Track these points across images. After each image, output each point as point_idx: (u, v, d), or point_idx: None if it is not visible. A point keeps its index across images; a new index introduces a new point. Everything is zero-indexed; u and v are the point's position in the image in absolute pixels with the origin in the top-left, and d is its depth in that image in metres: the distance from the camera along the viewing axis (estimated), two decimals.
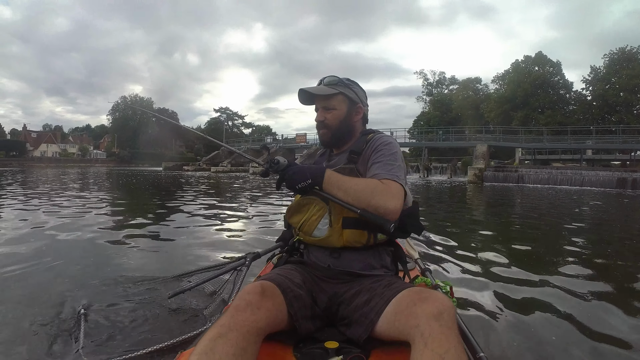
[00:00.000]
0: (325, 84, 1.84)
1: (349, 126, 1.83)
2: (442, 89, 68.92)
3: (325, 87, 1.82)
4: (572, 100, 50.07)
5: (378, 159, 1.69)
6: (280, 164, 1.65)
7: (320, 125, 1.84)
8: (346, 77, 1.87)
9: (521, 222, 8.00)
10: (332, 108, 1.81)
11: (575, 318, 2.65)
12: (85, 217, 6.81)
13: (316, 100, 1.85)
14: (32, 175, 26.98)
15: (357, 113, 1.84)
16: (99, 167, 65.98)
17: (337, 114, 1.81)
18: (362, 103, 1.86)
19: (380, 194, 1.54)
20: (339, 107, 1.81)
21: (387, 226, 1.49)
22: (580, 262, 4.15)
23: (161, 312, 2.58)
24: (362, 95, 1.88)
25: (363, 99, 1.88)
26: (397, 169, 1.66)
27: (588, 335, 2.39)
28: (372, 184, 1.58)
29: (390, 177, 1.61)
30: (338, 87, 1.81)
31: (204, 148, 76.16)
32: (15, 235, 5.07)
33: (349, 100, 1.82)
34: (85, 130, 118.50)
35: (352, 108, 1.83)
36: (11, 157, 74.66)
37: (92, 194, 11.88)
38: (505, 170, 28.66)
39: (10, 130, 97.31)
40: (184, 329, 2.26)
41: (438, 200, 13.86)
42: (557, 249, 5.05)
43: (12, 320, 2.44)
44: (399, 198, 1.57)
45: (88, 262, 3.84)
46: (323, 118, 1.82)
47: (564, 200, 13.98)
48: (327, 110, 1.82)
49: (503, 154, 43.45)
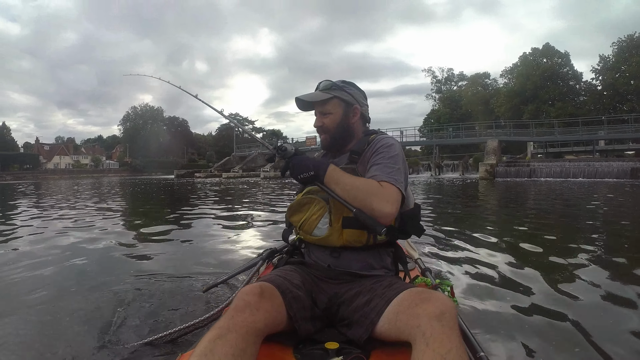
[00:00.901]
0: (320, 89, 1.86)
1: (347, 128, 1.84)
2: (451, 86, 68.59)
3: (320, 92, 1.84)
4: (583, 91, 49.52)
5: (378, 160, 1.69)
6: (288, 151, 1.68)
7: (319, 131, 1.87)
8: (343, 79, 1.90)
9: (528, 219, 7.83)
10: (328, 112, 1.83)
11: (578, 319, 2.60)
12: (102, 224, 6.86)
13: (314, 105, 1.87)
14: (49, 187, 27.26)
15: (354, 114, 1.85)
16: (111, 177, 66.60)
17: (333, 117, 1.83)
18: (359, 103, 1.86)
19: (376, 197, 1.54)
20: (335, 110, 1.83)
21: (379, 230, 1.49)
22: (587, 262, 4.04)
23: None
24: (359, 96, 1.88)
25: (360, 99, 1.87)
26: (396, 172, 1.66)
27: (590, 336, 2.36)
28: (370, 185, 1.58)
29: (389, 180, 1.61)
30: (332, 91, 1.83)
31: (215, 154, 76.65)
32: (38, 240, 5.31)
33: (344, 102, 1.83)
34: (97, 141, 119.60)
35: (348, 110, 1.84)
36: (25, 170, 75.68)
37: (108, 204, 11.95)
38: (517, 165, 28.43)
39: (23, 144, 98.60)
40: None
41: (445, 199, 13.64)
42: (562, 248, 4.92)
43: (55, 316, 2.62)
44: (395, 203, 1.58)
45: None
46: (321, 123, 1.85)
47: (576, 194, 13.80)
48: (324, 115, 1.84)
49: (515, 148, 43.15)
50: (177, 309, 2.69)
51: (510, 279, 3.53)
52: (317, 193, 1.70)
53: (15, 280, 3.44)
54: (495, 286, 3.33)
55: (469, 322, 2.44)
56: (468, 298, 2.99)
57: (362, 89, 1.93)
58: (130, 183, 32.80)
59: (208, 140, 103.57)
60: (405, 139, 40.86)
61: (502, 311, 2.76)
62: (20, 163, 78.97)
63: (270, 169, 40.40)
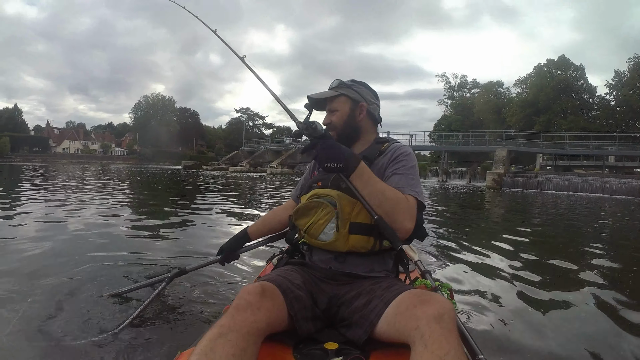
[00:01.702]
0: (329, 88, 1.90)
1: (354, 125, 1.86)
2: (464, 93, 68.51)
3: (329, 90, 1.89)
4: (596, 105, 49.33)
5: (399, 170, 1.72)
6: (318, 130, 1.64)
7: (327, 128, 1.87)
8: (354, 79, 1.92)
9: (529, 228, 7.83)
10: (335, 110, 1.86)
11: (577, 322, 2.67)
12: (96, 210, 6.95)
13: (327, 104, 1.89)
14: (57, 170, 27.57)
15: (361, 112, 1.86)
16: (119, 164, 67.23)
17: (340, 114, 1.85)
18: (366, 101, 1.87)
19: (402, 211, 1.58)
20: (342, 108, 1.85)
21: (397, 244, 1.53)
22: (586, 269, 4.12)
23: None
24: (367, 94, 1.89)
25: (367, 97, 1.88)
26: (417, 183, 1.70)
27: (590, 340, 2.40)
28: (398, 197, 1.60)
29: (412, 194, 1.64)
30: (339, 89, 1.86)
31: (225, 148, 76.88)
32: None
33: (351, 100, 1.85)
34: (107, 128, 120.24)
35: (354, 107, 1.85)
36: (34, 152, 76.78)
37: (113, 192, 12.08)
38: (525, 176, 28.15)
39: (34, 127, 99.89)
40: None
41: (447, 203, 13.70)
42: (561, 254, 4.96)
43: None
44: (415, 218, 1.61)
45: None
46: (329, 121, 1.87)
47: (583, 208, 13.71)
48: (332, 113, 1.87)
49: (525, 159, 42.94)
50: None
51: (510, 283, 3.58)
52: (324, 197, 1.67)
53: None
54: (495, 289, 3.36)
55: (469, 324, 2.52)
56: (468, 300, 3.02)
57: (373, 89, 1.94)
58: (135, 171, 33.05)
59: (218, 133, 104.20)
60: (415, 143, 40.80)
61: (502, 314, 2.79)
62: (30, 145, 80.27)
63: (277, 165, 40.46)
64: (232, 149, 63.69)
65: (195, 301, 2.77)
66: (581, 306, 2.99)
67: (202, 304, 2.74)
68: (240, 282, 3.20)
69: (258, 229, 2.24)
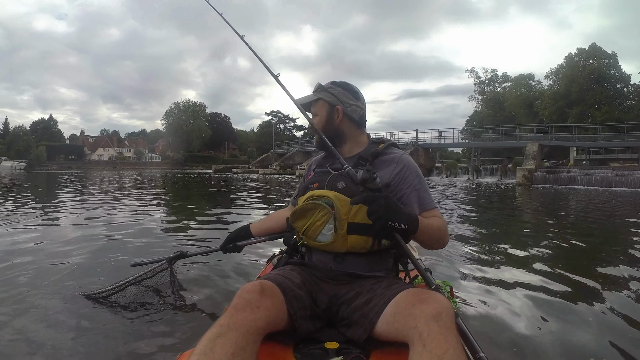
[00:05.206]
0: (312, 92, 1.94)
1: (333, 128, 1.87)
2: (495, 87, 67.00)
3: (310, 95, 1.93)
4: (631, 95, 47.45)
5: (417, 185, 1.78)
6: (377, 183, 1.57)
7: (311, 131, 1.95)
8: (333, 80, 1.95)
9: (538, 226, 7.67)
10: (315, 114, 1.92)
11: (577, 321, 2.65)
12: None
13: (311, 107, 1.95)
14: (93, 178, 28.23)
15: (338, 115, 1.86)
16: (153, 169, 69.31)
17: (319, 119, 1.89)
18: (343, 104, 1.86)
19: (445, 235, 1.75)
20: (320, 112, 1.90)
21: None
22: (592, 269, 4.06)
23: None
24: (343, 95, 1.88)
25: (344, 99, 1.87)
26: (430, 193, 1.81)
27: (589, 337, 2.41)
28: (442, 225, 1.72)
29: (435, 207, 1.79)
30: (318, 92, 1.90)
31: (257, 151, 77.44)
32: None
33: (327, 103, 1.87)
34: (140, 135, 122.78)
35: (331, 110, 1.87)
36: (70, 160, 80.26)
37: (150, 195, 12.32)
38: (556, 171, 27.13)
39: (69, 136, 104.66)
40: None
41: (467, 204, 12.66)
42: (564, 254, 4.80)
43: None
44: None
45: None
46: (311, 125, 1.92)
47: (616, 205, 12.85)
48: (314, 117, 1.93)
49: (559, 154, 41.72)
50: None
51: (512, 281, 3.55)
52: (321, 198, 1.67)
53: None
54: (496, 287, 3.35)
55: (469, 322, 2.54)
56: (468, 298, 3.02)
57: (355, 90, 1.92)
58: (169, 176, 34.07)
59: (250, 137, 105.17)
60: (445, 141, 40.28)
61: (503, 312, 2.79)
62: (66, 154, 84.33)
63: (305, 167, 40.37)
64: (264, 152, 64.25)
65: (195, 301, 2.85)
66: (583, 306, 2.94)
67: (202, 303, 2.82)
68: (240, 282, 3.25)
69: (260, 227, 2.30)
